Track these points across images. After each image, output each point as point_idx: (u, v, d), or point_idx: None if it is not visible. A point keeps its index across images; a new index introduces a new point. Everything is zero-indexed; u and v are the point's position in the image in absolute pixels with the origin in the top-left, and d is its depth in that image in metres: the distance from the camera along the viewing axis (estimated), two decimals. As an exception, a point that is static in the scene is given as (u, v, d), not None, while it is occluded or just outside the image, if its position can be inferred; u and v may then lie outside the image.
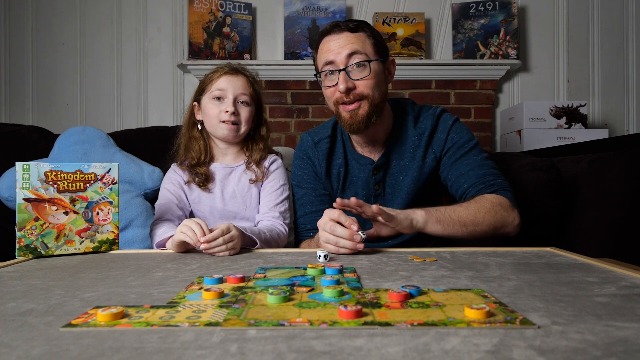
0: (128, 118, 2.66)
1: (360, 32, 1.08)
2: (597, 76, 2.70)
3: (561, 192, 1.30)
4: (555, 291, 0.58)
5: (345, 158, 1.21)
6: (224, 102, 1.20)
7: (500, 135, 2.64)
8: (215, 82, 1.21)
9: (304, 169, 1.23)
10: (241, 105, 1.22)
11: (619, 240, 1.15)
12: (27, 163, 0.88)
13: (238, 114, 1.20)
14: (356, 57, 1.05)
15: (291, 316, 0.47)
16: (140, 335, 0.42)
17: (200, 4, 2.50)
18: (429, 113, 1.18)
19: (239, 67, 1.25)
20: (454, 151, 1.14)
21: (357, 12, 2.67)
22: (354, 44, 1.06)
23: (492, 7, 2.56)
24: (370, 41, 1.08)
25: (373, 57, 1.07)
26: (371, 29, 1.10)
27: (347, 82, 1.05)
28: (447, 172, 1.14)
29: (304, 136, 1.27)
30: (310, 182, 1.22)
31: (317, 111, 2.58)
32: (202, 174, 1.21)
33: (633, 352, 0.37)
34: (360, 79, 1.06)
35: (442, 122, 1.17)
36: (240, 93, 1.21)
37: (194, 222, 0.90)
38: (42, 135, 1.58)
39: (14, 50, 2.61)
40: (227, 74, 1.21)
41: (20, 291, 0.60)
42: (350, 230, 0.87)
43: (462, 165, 1.12)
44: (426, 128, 1.16)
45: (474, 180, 1.08)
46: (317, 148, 1.22)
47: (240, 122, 1.21)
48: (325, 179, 1.21)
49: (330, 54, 1.07)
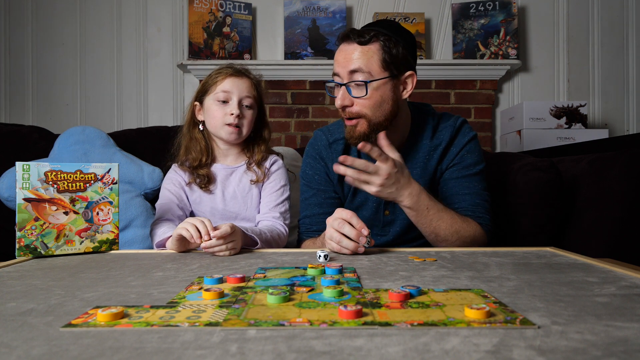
0: (128, 118, 2.66)
1: (371, 45, 1.02)
2: (597, 76, 2.70)
3: (561, 192, 1.29)
4: (555, 291, 0.58)
5: None
6: (229, 104, 1.19)
7: (500, 135, 2.64)
8: (220, 84, 1.20)
9: (315, 169, 1.21)
10: (245, 108, 1.21)
11: (619, 240, 1.15)
12: (27, 163, 0.88)
13: (242, 116, 1.20)
14: (357, 75, 1.02)
15: (291, 316, 0.47)
16: (140, 335, 0.42)
17: (200, 4, 2.50)
18: (449, 124, 1.15)
19: (243, 69, 1.24)
20: (459, 169, 1.13)
21: (357, 12, 2.67)
22: (359, 59, 1.02)
23: (492, 7, 2.56)
24: (379, 56, 1.02)
25: (378, 74, 1.02)
26: (389, 40, 1.02)
27: (345, 100, 1.04)
28: (445, 185, 1.14)
29: (318, 134, 1.23)
30: (321, 184, 1.20)
31: (317, 111, 2.58)
32: (203, 176, 1.21)
33: (633, 352, 0.37)
34: (358, 98, 1.03)
35: (460, 136, 1.14)
36: (245, 96, 1.20)
37: (199, 220, 0.90)
38: (42, 135, 1.58)
39: (14, 50, 2.61)
40: (232, 75, 1.20)
41: (20, 291, 0.60)
42: (357, 231, 0.86)
43: (462, 186, 1.12)
44: (443, 139, 1.14)
45: (466, 205, 1.10)
46: (332, 149, 1.19)
47: (243, 125, 1.21)
48: (338, 182, 1.19)
49: (338, 65, 1.05)
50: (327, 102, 2.57)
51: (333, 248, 0.90)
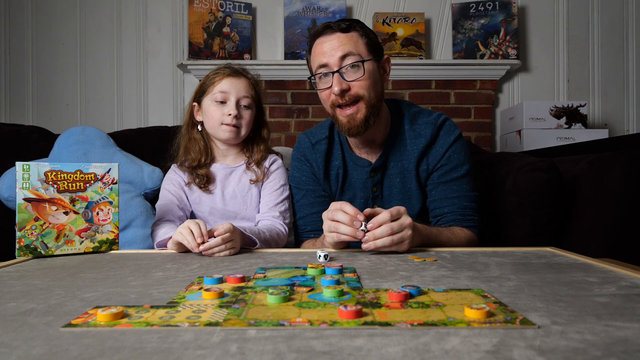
0: (128, 118, 2.66)
1: (352, 32, 1.06)
2: (597, 76, 2.70)
3: (561, 192, 1.29)
4: (555, 291, 0.58)
5: (343, 159, 1.20)
6: (227, 105, 1.19)
7: (500, 135, 2.64)
8: (218, 84, 1.20)
9: (302, 170, 1.23)
10: (243, 109, 1.21)
11: (619, 240, 1.15)
12: (27, 163, 0.88)
13: (240, 117, 1.20)
14: (349, 58, 1.04)
15: (291, 316, 0.47)
16: (140, 335, 0.42)
17: (200, 4, 2.50)
18: (429, 120, 1.15)
19: (240, 69, 1.24)
20: (446, 171, 1.13)
21: (357, 12, 2.67)
22: (347, 44, 1.04)
23: (492, 7, 2.56)
24: (363, 41, 1.06)
25: (366, 56, 1.06)
26: (364, 28, 1.09)
27: (342, 84, 1.05)
28: (433, 188, 1.15)
29: (301, 137, 1.26)
30: (309, 184, 1.21)
31: (317, 111, 2.58)
32: (202, 176, 1.21)
33: (633, 352, 0.37)
34: (354, 80, 1.05)
35: (444, 135, 1.14)
36: (243, 96, 1.20)
37: (193, 222, 0.90)
38: (42, 135, 1.58)
39: (14, 50, 2.61)
40: (230, 76, 1.21)
41: (20, 291, 0.60)
42: (350, 215, 0.86)
43: (450, 189, 1.13)
44: (424, 136, 1.14)
45: (454, 209, 1.11)
46: (315, 150, 1.21)
47: (241, 125, 1.21)
48: (324, 180, 1.20)
49: (324, 56, 1.06)
50: (327, 102, 2.56)
51: (333, 239, 0.90)
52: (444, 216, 1.12)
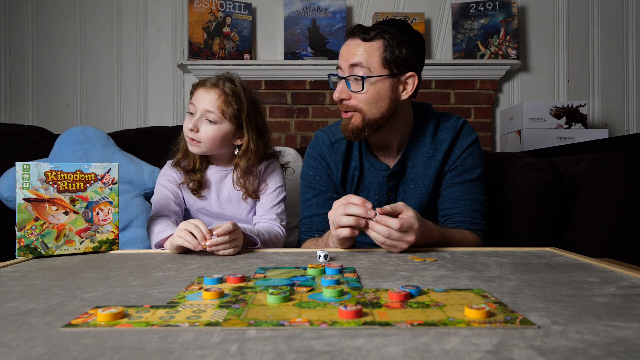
0: (128, 118, 2.66)
1: (374, 42, 1.03)
2: (597, 76, 2.70)
3: (561, 192, 1.29)
4: (555, 291, 0.58)
5: (360, 161, 1.17)
6: (193, 116, 1.15)
7: (500, 135, 2.64)
8: (194, 95, 1.17)
9: (316, 170, 1.19)
10: (206, 123, 1.14)
11: (619, 240, 1.15)
12: (27, 163, 0.88)
13: (198, 131, 1.14)
14: (356, 69, 1.04)
15: (291, 316, 0.47)
16: (140, 335, 0.42)
17: (200, 4, 2.50)
18: (450, 124, 1.15)
19: (218, 82, 1.16)
20: (460, 172, 1.13)
21: (357, 12, 2.67)
22: (360, 55, 1.03)
23: (492, 7, 2.56)
24: (380, 53, 1.03)
25: (377, 71, 1.03)
26: (393, 39, 1.03)
27: (342, 93, 1.06)
28: (445, 188, 1.15)
29: (320, 134, 1.22)
30: (322, 185, 1.19)
31: (317, 111, 2.58)
32: (195, 181, 1.19)
33: (633, 352, 0.37)
34: (356, 92, 1.05)
35: (462, 137, 1.15)
36: (207, 110, 1.13)
37: (193, 225, 0.89)
38: (42, 135, 1.58)
39: (14, 50, 2.61)
40: (203, 87, 1.16)
41: (20, 291, 0.60)
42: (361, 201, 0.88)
43: (461, 191, 1.13)
44: (445, 140, 1.14)
45: (464, 211, 1.12)
46: (334, 149, 1.18)
47: (200, 140, 1.14)
48: (341, 182, 1.18)
49: (340, 59, 1.08)
50: (327, 102, 2.57)
51: (340, 223, 0.89)
52: (453, 217, 1.12)
